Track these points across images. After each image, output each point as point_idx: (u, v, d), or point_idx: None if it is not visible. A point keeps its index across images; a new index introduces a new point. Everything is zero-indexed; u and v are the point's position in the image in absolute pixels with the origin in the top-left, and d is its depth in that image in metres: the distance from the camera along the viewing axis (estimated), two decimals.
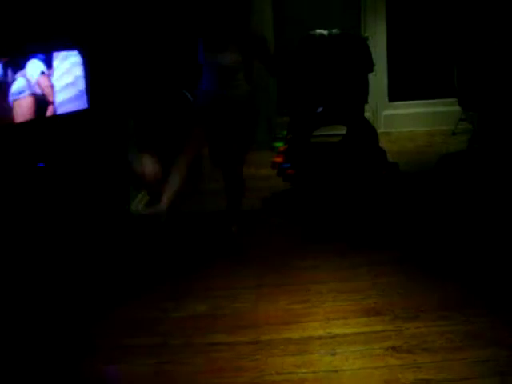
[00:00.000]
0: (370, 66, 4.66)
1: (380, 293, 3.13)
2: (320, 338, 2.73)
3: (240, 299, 3.15)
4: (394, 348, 2.61)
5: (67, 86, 3.71)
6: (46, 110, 3.54)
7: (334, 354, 2.59)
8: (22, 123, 3.35)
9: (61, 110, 3.64)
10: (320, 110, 4.54)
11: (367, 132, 4.65)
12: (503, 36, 5.05)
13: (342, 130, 4.93)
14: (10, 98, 3.25)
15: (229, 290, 3.26)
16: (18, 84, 3.29)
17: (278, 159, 4.78)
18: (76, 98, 3.79)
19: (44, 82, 3.50)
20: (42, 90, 3.49)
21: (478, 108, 5.28)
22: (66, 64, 3.69)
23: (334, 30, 4.69)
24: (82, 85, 3.81)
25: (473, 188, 4.52)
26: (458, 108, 5.71)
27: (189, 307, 3.11)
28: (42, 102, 3.49)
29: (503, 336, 2.66)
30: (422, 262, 3.48)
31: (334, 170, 4.52)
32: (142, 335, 2.88)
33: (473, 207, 4.22)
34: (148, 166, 3.65)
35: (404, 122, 6.83)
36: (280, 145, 5.48)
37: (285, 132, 5.20)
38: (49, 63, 3.54)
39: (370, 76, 4.74)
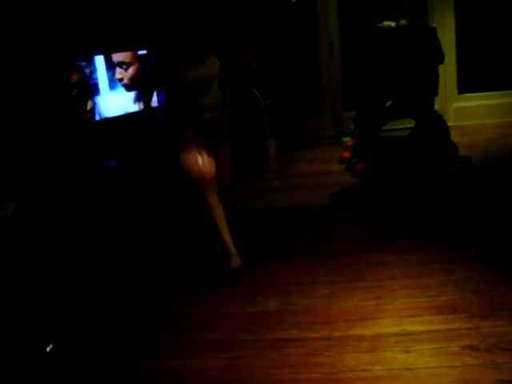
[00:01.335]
0: (439, 58, 4.56)
1: (454, 290, 3.06)
2: (394, 335, 2.69)
3: (312, 295, 3.14)
4: (471, 347, 2.54)
5: None
6: None
7: (408, 352, 2.54)
8: None
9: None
10: (389, 103, 4.48)
11: (437, 125, 4.55)
12: None
13: (410, 124, 4.85)
14: None
15: (300, 286, 3.26)
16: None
17: (346, 154, 4.74)
18: None
19: None
20: None
21: None
22: None
23: (402, 22, 4.61)
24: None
25: None
26: None
27: (260, 303, 3.12)
28: None
29: None
30: (496, 259, 3.38)
31: (405, 164, 4.44)
32: (214, 331, 2.91)
33: None
34: (205, 163, 3.42)
35: (474, 114, 6.69)
36: (348, 140, 5.44)
37: (352, 127, 5.16)
38: None
39: (440, 68, 4.64)
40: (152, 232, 4.21)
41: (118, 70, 4.78)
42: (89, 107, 4.54)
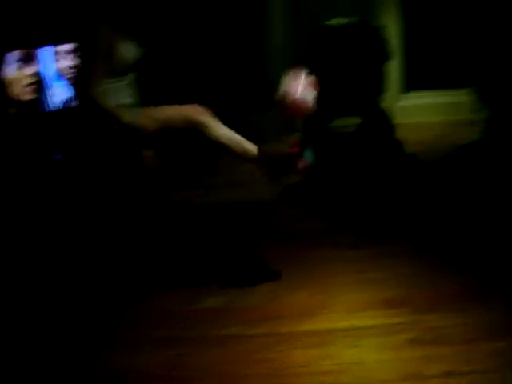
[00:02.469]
0: (385, 56, 4.62)
1: (399, 284, 3.11)
2: (342, 329, 2.72)
3: (257, 291, 3.14)
4: (415, 340, 2.59)
5: None
6: None
7: (356, 346, 2.58)
8: None
9: None
10: (335, 100, 4.51)
11: (382, 123, 4.62)
12: None
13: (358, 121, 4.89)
14: None
15: (241, 282, 3.25)
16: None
17: (294, 150, 4.74)
18: None
19: None
20: None
21: (494, 99, 5.23)
22: None
23: (347, 20, 4.66)
24: None
25: (490, 179, 4.49)
26: (473, 98, 5.65)
27: (206, 300, 3.10)
28: None
29: None
30: (439, 254, 3.46)
31: (350, 161, 4.49)
32: (161, 328, 2.88)
33: (490, 198, 4.18)
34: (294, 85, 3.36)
35: (420, 112, 6.77)
36: (296, 136, 5.44)
37: (300, 124, 5.17)
38: None
39: (387, 66, 4.70)
40: (99, 230, 4.13)
41: (63, 61, 4.67)
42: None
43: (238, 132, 5.98)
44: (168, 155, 3.71)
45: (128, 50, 3.32)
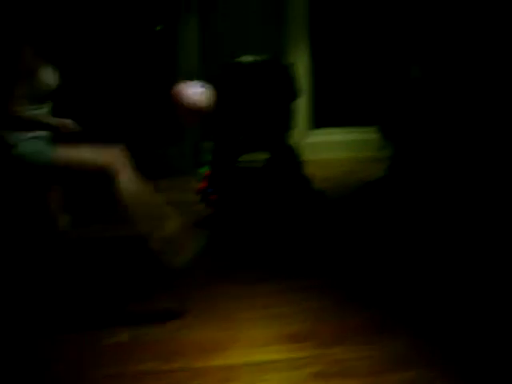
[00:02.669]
0: (293, 94, 4.71)
1: (306, 318, 3.12)
2: (247, 364, 2.69)
3: (166, 326, 3.08)
4: (320, 373, 2.60)
5: None
6: None
7: (262, 381, 2.56)
8: None
9: None
10: (244, 136, 4.55)
11: (290, 159, 4.68)
12: (422, 69, 5.22)
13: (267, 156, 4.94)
14: None
15: (154, 317, 3.19)
16: None
17: (203, 184, 4.74)
18: None
19: None
20: None
21: (397, 137, 5.40)
22: None
23: (258, 57, 4.73)
24: None
25: (394, 214, 4.62)
26: (379, 135, 5.82)
27: (114, 335, 3.02)
28: None
29: (424, 358, 2.72)
30: (346, 288, 3.50)
31: (258, 196, 4.52)
32: (67, 366, 2.77)
33: (394, 234, 4.30)
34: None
35: (328, 148, 6.92)
36: (205, 170, 5.45)
37: (210, 157, 5.18)
38: None
39: (295, 102, 4.78)
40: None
41: None
42: None
43: (147, 164, 5.96)
44: (74, 187, 3.61)
45: (49, 76, 3.25)
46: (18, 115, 3.08)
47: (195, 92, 3.40)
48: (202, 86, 3.46)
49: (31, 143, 3.13)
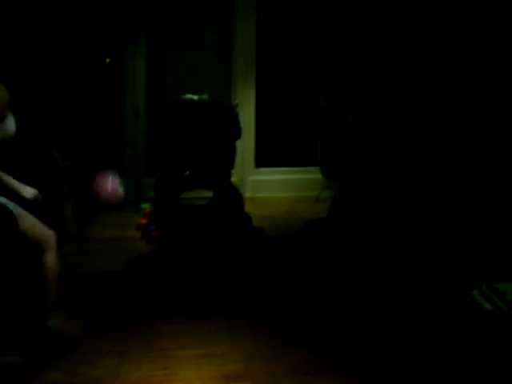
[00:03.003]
0: (237, 133, 4.78)
1: (240, 358, 3.15)
2: None
3: (100, 365, 3.06)
4: None
5: None
6: None
7: None
8: None
9: None
10: (187, 173, 4.58)
11: (232, 197, 4.73)
12: (366, 112, 5.37)
13: (211, 194, 4.97)
14: None
15: (87, 356, 3.15)
16: None
17: (143, 221, 4.74)
18: None
19: None
20: None
21: (338, 178, 5.51)
22: None
23: (204, 96, 4.79)
24: None
25: (334, 254, 4.69)
26: (320, 176, 5.93)
27: (46, 375, 2.97)
28: None
29: None
30: (279, 329, 3.53)
31: (199, 233, 4.54)
32: None
33: (331, 274, 4.37)
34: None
35: (270, 187, 6.99)
36: (146, 206, 5.45)
37: (152, 193, 5.19)
38: None
39: (238, 142, 4.85)
40: None
41: None
42: None
43: (89, 198, 5.92)
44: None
45: (12, 123, 3.19)
46: None
47: (112, 183, 3.54)
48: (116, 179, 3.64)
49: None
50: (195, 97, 4.75)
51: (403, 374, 3.02)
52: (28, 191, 3.27)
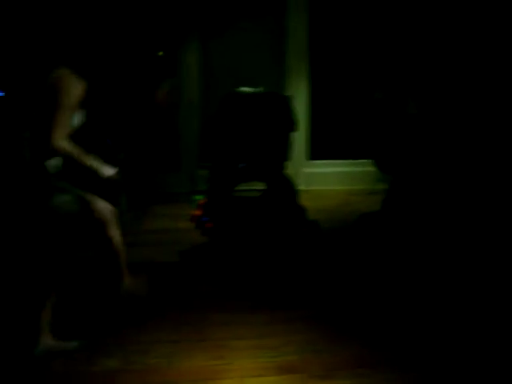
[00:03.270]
0: (292, 125, 4.76)
1: (295, 350, 3.13)
2: None
3: (154, 354, 3.08)
4: None
5: None
6: None
7: None
8: None
9: None
10: (242, 165, 4.59)
11: (287, 189, 4.71)
12: (419, 104, 5.27)
13: (264, 186, 4.96)
14: None
15: (142, 345, 3.18)
16: None
17: (198, 212, 4.76)
18: None
19: None
20: None
21: (392, 171, 5.43)
22: None
23: (258, 88, 4.78)
24: None
25: (388, 248, 4.63)
26: (375, 169, 5.86)
27: (100, 362, 3.01)
28: None
29: None
30: (335, 321, 3.51)
31: (253, 225, 4.54)
32: None
33: (386, 267, 4.31)
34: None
35: (324, 180, 6.97)
36: (200, 198, 5.47)
37: (205, 186, 5.21)
38: None
39: (292, 134, 4.83)
40: None
41: None
42: None
43: (144, 190, 5.99)
44: None
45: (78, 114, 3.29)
46: (63, 148, 3.09)
47: None
48: None
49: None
50: (250, 89, 4.74)
51: (459, 371, 2.96)
52: (108, 170, 3.38)
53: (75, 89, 3.13)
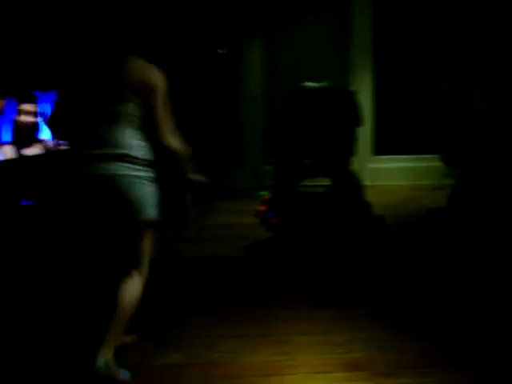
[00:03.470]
0: (357, 120, 4.72)
1: (360, 347, 3.10)
2: None
3: (219, 349, 3.10)
4: None
5: None
6: None
7: None
8: None
9: None
10: (307, 161, 4.58)
11: (352, 185, 4.68)
12: (487, 97, 5.15)
13: (328, 181, 4.95)
14: None
15: (207, 339, 3.21)
16: None
17: (262, 208, 4.78)
18: None
19: None
20: None
21: (460, 166, 5.34)
22: None
23: (323, 83, 4.76)
24: None
25: (455, 245, 4.55)
26: (440, 164, 5.77)
27: (166, 355, 3.06)
28: None
29: None
30: (400, 318, 3.46)
31: (318, 221, 4.53)
32: None
33: (454, 264, 4.23)
34: None
35: (389, 175, 6.91)
36: (265, 193, 5.49)
37: (270, 181, 5.22)
38: None
39: (358, 129, 4.79)
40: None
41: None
42: None
43: (209, 186, 6.02)
44: None
45: None
46: (174, 145, 2.94)
47: None
48: None
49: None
50: (315, 84, 4.72)
51: None
52: (200, 176, 3.26)
53: (166, 82, 3.02)
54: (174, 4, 6.34)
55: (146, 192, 2.84)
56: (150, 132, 2.90)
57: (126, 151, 2.79)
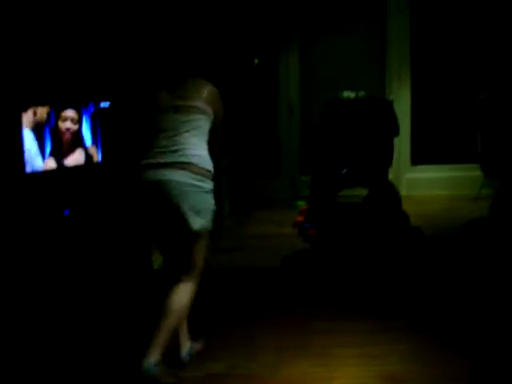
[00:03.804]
0: (395, 130, 4.71)
1: (399, 360, 3.08)
2: None
3: (258, 360, 3.11)
4: None
5: None
6: None
7: None
8: None
9: None
10: (345, 171, 4.57)
11: (390, 195, 4.66)
12: None
13: (364, 192, 4.93)
14: None
15: (247, 349, 3.22)
16: None
17: (300, 218, 4.79)
18: None
19: None
20: None
21: (500, 176, 5.27)
22: None
23: (361, 93, 4.76)
24: None
25: (496, 257, 4.48)
26: (479, 173, 5.72)
27: (205, 366, 3.07)
28: None
29: None
30: (436, 331, 3.42)
31: (356, 232, 4.52)
32: None
33: (493, 277, 4.17)
34: None
35: (426, 185, 6.86)
36: (302, 204, 5.50)
37: (307, 191, 5.23)
38: None
39: (395, 139, 4.78)
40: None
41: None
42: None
43: (246, 196, 6.03)
44: None
45: None
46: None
47: None
48: None
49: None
50: (352, 94, 4.72)
51: None
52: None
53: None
54: (215, 16, 6.40)
55: (202, 201, 2.87)
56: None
57: (191, 161, 2.86)
